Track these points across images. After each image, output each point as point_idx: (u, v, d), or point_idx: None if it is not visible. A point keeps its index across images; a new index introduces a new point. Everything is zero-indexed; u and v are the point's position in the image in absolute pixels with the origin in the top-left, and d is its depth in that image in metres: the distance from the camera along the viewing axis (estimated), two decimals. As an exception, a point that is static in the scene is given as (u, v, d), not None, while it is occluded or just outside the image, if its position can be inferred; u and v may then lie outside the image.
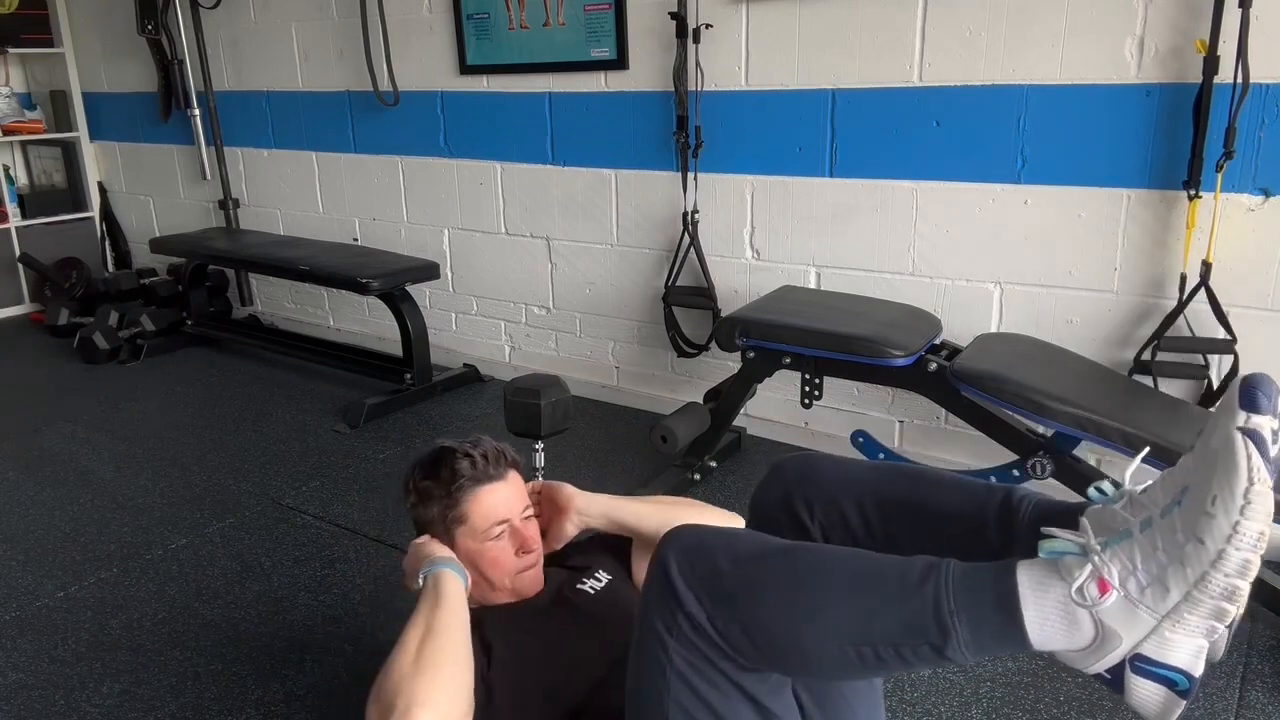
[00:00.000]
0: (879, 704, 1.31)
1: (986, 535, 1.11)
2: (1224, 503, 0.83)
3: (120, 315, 3.91)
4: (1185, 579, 0.85)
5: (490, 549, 1.46)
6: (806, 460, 1.27)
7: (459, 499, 1.46)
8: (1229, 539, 0.83)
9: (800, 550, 1.07)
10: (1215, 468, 0.85)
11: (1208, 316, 2.15)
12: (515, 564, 1.47)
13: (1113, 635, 0.89)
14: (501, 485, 1.49)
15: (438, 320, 3.63)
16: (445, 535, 1.47)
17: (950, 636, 0.92)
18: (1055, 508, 1.09)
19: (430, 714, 1.11)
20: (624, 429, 3.01)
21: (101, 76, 4.51)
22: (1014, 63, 2.29)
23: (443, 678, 1.17)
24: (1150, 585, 0.87)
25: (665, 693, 1.05)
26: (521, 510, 1.51)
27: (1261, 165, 2.07)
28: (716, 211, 2.84)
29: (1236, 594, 0.84)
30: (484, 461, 1.48)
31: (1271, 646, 1.86)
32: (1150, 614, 0.87)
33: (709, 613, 1.02)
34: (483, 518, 1.46)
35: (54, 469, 2.81)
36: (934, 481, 1.20)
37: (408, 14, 3.33)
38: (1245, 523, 0.82)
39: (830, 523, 1.19)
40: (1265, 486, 0.82)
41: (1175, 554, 0.86)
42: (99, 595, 2.13)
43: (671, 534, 1.09)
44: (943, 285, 2.52)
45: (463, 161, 3.39)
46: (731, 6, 2.64)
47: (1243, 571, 0.83)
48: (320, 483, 2.67)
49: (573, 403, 2.35)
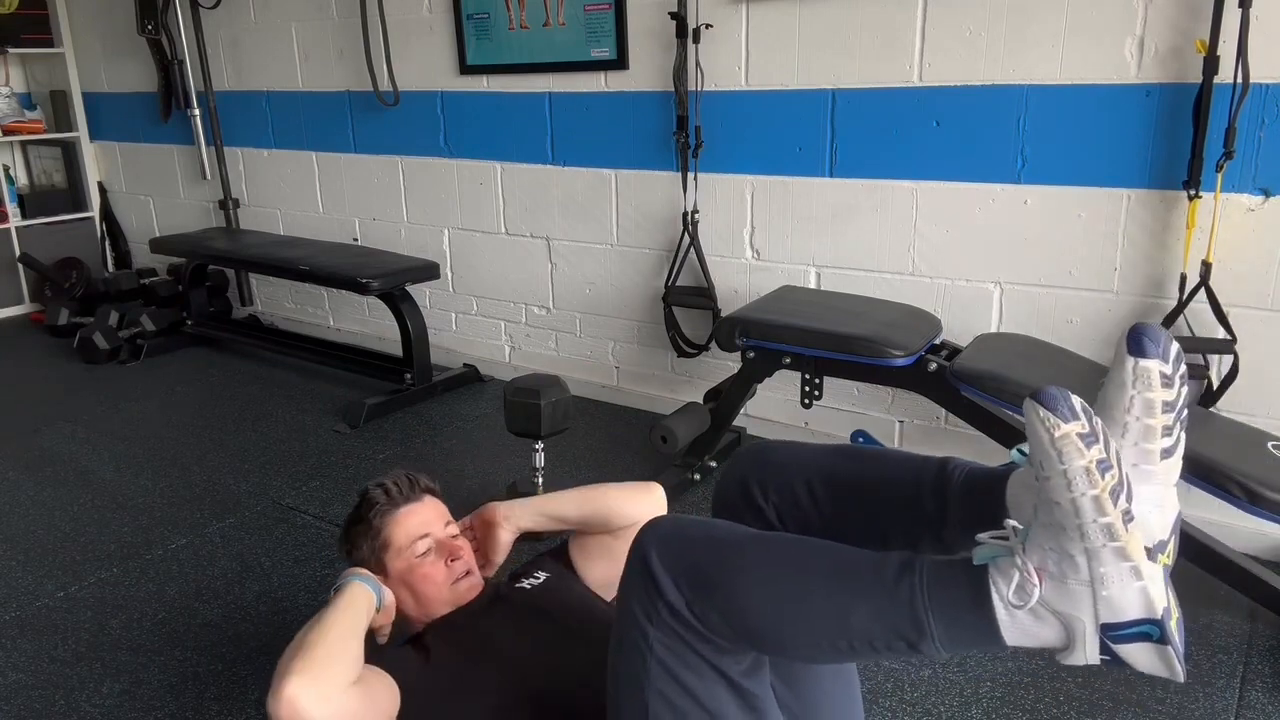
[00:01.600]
0: (854, 680, 1.33)
1: (923, 504, 1.15)
2: (1046, 463, 0.88)
3: (120, 315, 3.91)
4: (1074, 540, 0.89)
5: (420, 565, 1.53)
6: (761, 448, 1.32)
7: (379, 526, 1.55)
8: (1069, 488, 0.87)
9: (779, 540, 1.11)
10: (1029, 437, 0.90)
11: (1208, 316, 2.15)
12: (447, 575, 1.54)
13: (1073, 619, 0.92)
14: (418, 506, 1.59)
15: (438, 320, 3.63)
16: (377, 567, 1.54)
17: (925, 633, 0.95)
18: (984, 474, 1.14)
19: (299, 679, 1.16)
20: (624, 429, 3.01)
21: (101, 76, 4.51)
22: (1014, 63, 2.29)
23: (318, 652, 1.22)
24: (1062, 560, 0.91)
25: (646, 679, 1.07)
26: (443, 525, 1.59)
27: (1261, 165, 2.07)
28: (716, 211, 2.84)
29: (1114, 530, 0.88)
30: (396, 488, 1.58)
31: (1271, 646, 1.86)
32: (1079, 584, 0.91)
33: (687, 598, 1.04)
34: (405, 536, 1.54)
35: (54, 469, 2.81)
36: (875, 458, 1.26)
37: (408, 14, 3.33)
38: (1069, 468, 0.86)
39: (783, 502, 1.24)
40: (1062, 429, 0.86)
41: (1055, 525, 0.90)
42: (99, 595, 2.13)
43: (650, 524, 1.13)
44: (943, 285, 2.52)
45: (463, 161, 3.39)
46: (731, 6, 2.64)
47: (1099, 508, 0.87)
48: (320, 483, 2.67)
49: (573, 403, 2.35)
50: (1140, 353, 0.93)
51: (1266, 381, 2.15)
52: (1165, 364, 0.94)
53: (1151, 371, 0.93)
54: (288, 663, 1.19)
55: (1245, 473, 1.74)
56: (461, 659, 1.38)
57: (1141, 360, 0.93)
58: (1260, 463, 1.84)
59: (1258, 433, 2.03)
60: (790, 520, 1.24)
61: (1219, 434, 1.96)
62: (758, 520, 1.25)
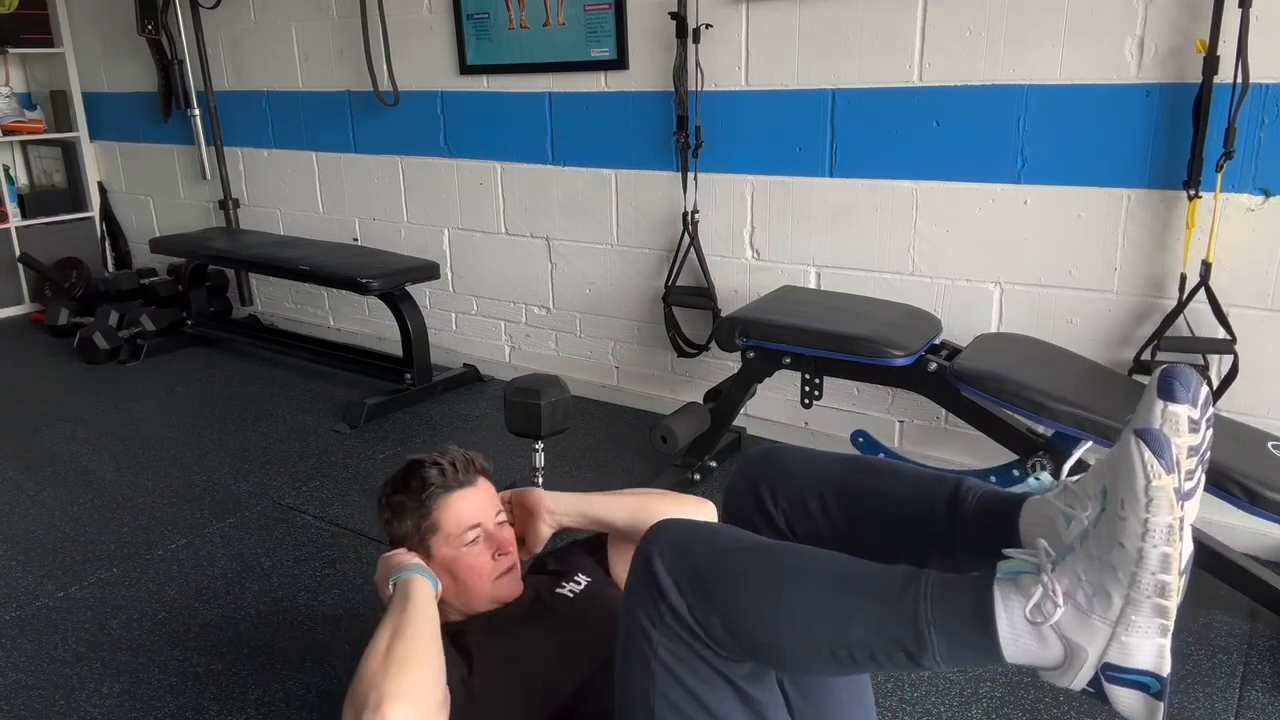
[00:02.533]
0: (866, 689, 1.33)
1: (935, 523, 1.15)
2: (1130, 504, 0.86)
3: (120, 315, 3.91)
4: (1120, 583, 0.88)
5: (466, 555, 1.48)
6: (774, 452, 1.30)
7: (430, 507, 1.48)
8: (1144, 537, 0.86)
9: (784, 549, 1.09)
10: (1119, 470, 0.88)
11: (1207, 316, 2.15)
12: (492, 568, 1.49)
13: (1078, 649, 0.92)
14: (472, 491, 1.51)
15: (438, 320, 3.63)
16: (420, 546, 1.48)
17: (926, 647, 0.95)
18: (998, 497, 1.13)
19: (402, 705, 1.12)
20: (624, 429, 3.01)
21: (101, 76, 4.51)
22: (1014, 63, 2.29)
23: (412, 672, 1.17)
24: (1095, 594, 0.90)
25: (651, 684, 1.07)
26: (494, 515, 1.53)
27: (1261, 165, 2.07)
28: (716, 211, 2.84)
29: (1166, 589, 0.87)
30: (453, 469, 1.51)
31: (1271, 646, 1.86)
32: (1102, 622, 0.90)
33: (690, 604, 1.03)
34: (455, 524, 1.48)
35: (54, 469, 2.81)
36: (890, 473, 1.24)
37: (408, 14, 3.33)
38: (1153, 519, 0.85)
39: (794, 511, 1.23)
40: (1163, 480, 0.85)
41: (1106, 560, 0.89)
42: (99, 595, 2.13)
43: (655, 527, 1.11)
44: (943, 285, 2.52)
45: (463, 161, 3.39)
46: (731, 6, 2.64)
47: (1164, 566, 0.86)
48: (320, 483, 2.68)
49: (573, 403, 2.35)
50: (1170, 397, 0.92)
51: (1266, 381, 2.15)
52: (1194, 409, 0.92)
53: (1180, 417, 0.92)
54: (381, 679, 1.14)
55: (1245, 473, 1.74)
56: (502, 673, 1.35)
57: (1171, 405, 0.92)
58: (1260, 463, 1.84)
59: (1258, 433, 2.03)
60: (799, 529, 1.23)
61: (1219, 434, 1.95)
62: (767, 526, 1.24)
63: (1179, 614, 0.91)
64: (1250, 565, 1.96)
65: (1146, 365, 2.20)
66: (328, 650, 1.91)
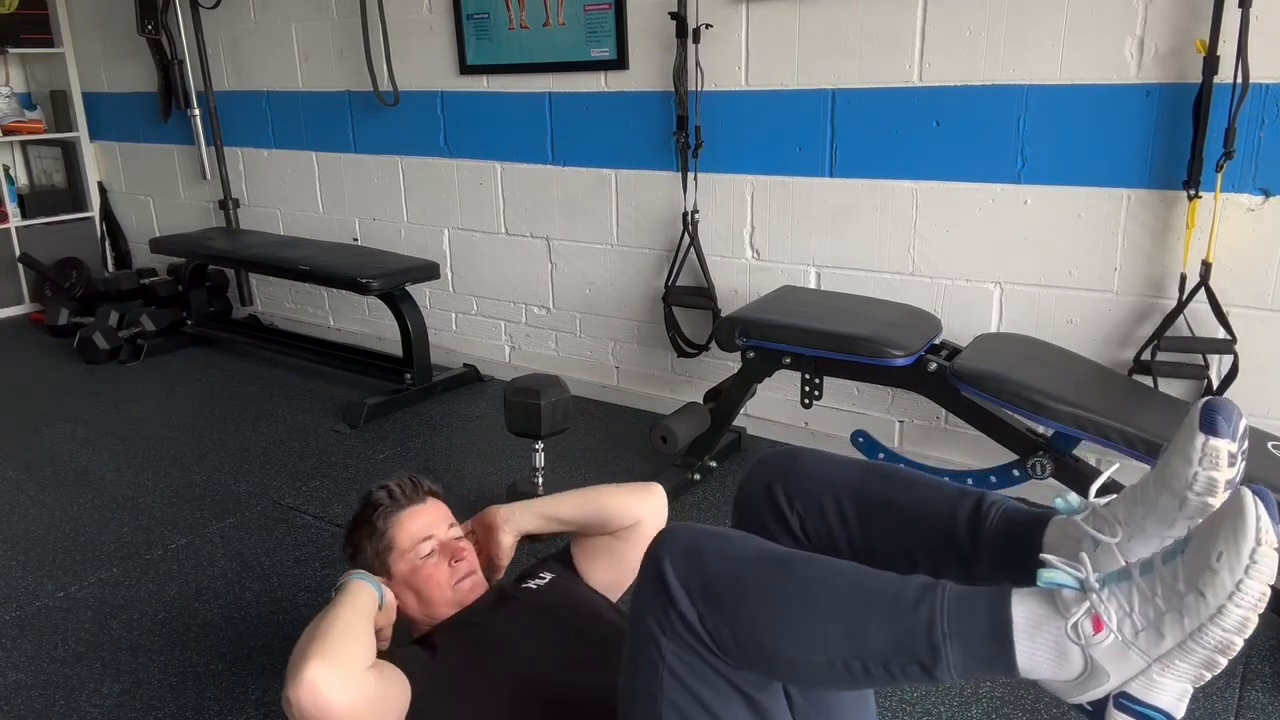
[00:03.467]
0: (869, 697, 1.32)
1: (956, 537, 1.14)
2: (1229, 560, 0.84)
3: (120, 315, 3.91)
4: (1182, 628, 0.86)
5: (424, 567, 1.52)
6: (790, 455, 1.30)
7: (383, 527, 1.55)
8: (1231, 596, 0.84)
9: (797, 559, 1.08)
10: (1223, 522, 0.85)
11: (1207, 316, 2.15)
12: (451, 575, 1.53)
13: (1101, 672, 0.90)
14: (422, 508, 1.58)
15: (438, 320, 3.63)
16: (381, 568, 1.54)
17: (940, 659, 0.94)
18: (1023, 515, 1.12)
19: (319, 662, 1.17)
20: (624, 429, 3.01)
21: (101, 76, 4.51)
22: (1014, 63, 2.29)
23: (331, 637, 1.23)
24: (1145, 629, 0.88)
25: (659, 690, 1.06)
26: (447, 528, 1.58)
27: (1261, 165, 2.07)
28: (716, 211, 2.84)
29: (1230, 648, 0.85)
30: (400, 490, 1.58)
31: (1272, 646, 1.86)
32: (1142, 656, 0.89)
33: (700, 611, 1.03)
34: (408, 539, 1.54)
35: (54, 469, 2.81)
36: (909, 483, 1.22)
37: (408, 14, 3.33)
38: (1249, 582, 0.83)
39: (809, 515, 1.22)
40: (1271, 548, 0.83)
41: (1174, 603, 0.87)
42: (99, 595, 2.13)
43: (665, 532, 1.11)
44: (943, 285, 2.52)
45: (463, 161, 3.39)
46: (731, 6, 2.64)
47: (1240, 628, 0.85)
48: (320, 483, 2.68)
49: (573, 403, 2.35)
50: (1213, 431, 0.91)
51: (1266, 381, 2.15)
52: (1234, 443, 0.92)
53: (1221, 452, 0.92)
54: (303, 650, 1.20)
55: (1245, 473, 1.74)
56: (469, 658, 1.38)
57: (1213, 439, 0.91)
58: (1260, 463, 1.84)
59: (1258, 433, 2.03)
60: (815, 534, 1.22)
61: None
62: (780, 528, 1.23)
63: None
64: (1250, 565, 1.95)
65: (1147, 365, 2.20)
66: (328, 650, 1.91)
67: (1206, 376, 2.18)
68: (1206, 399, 0.92)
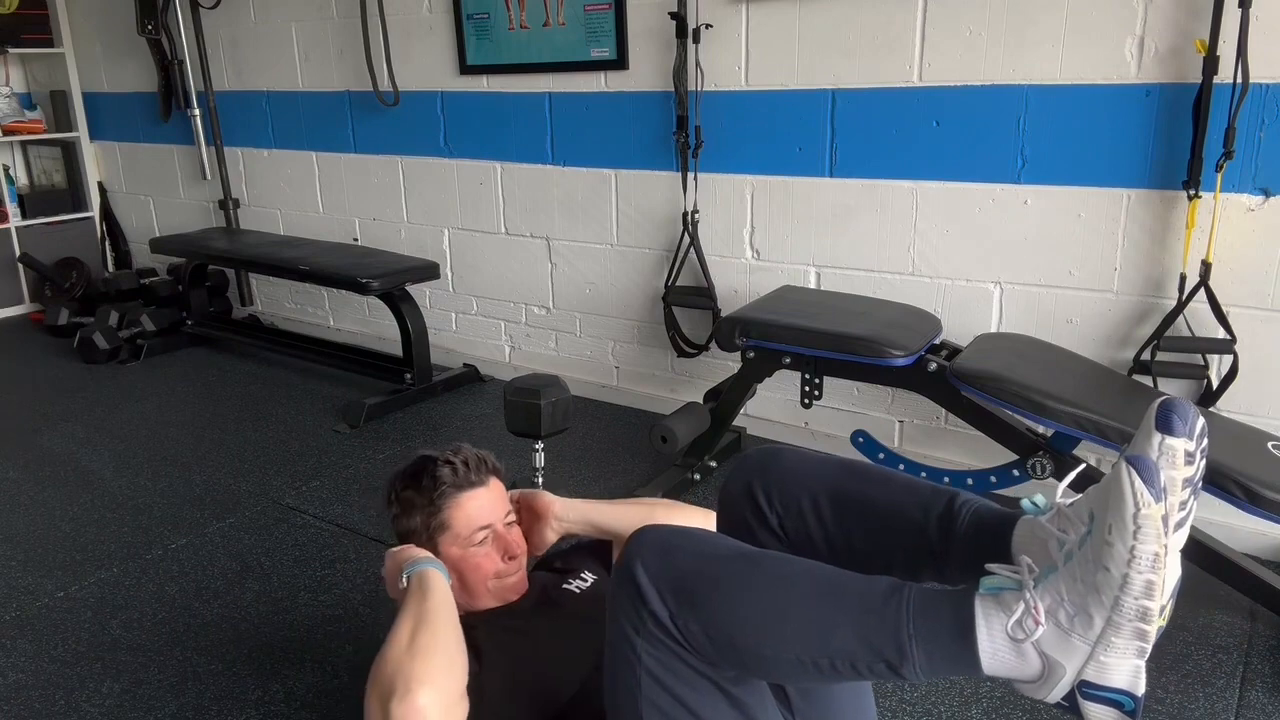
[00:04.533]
0: (867, 688, 1.33)
1: (929, 537, 1.15)
2: (1118, 530, 0.88)
3: (120, 315, 3.90)
4: (1103, 605, 0.90)
5: (473, 555, 1.48)
6: (771, 453, 1.30)
7: (441, 506, 1.48)
8: (1129, 563, 0.88)
9: (767, 557, 1.09)
10: (1108, 495, 0.90)
11: (1207, 316, 2.15)
12: (498, 569, 1.49)
13: (1056, 665, 0.93)
14: (483, 491, 1.51)
15: (438, 320, 3.63)
16: (428, 543, 1.48)
17: (907, 658, 0.96)
18: (993, 515, 1.13)
19: (430, 691, 1.13)
20: (624, 429, 3.01)
21: (101, 76, 4.51)
22: (1014, 63, 2.29)
23: (438, 659, 1.18)
24: (1077, 615, 0.92)
25: (637, 690, 1.06)
26: (504, 516, 1.53)
27: (1261, 165, 2.07)
28: (716, 211, 2.84)
29: (1148, 614, 0.89)
30: (465, 468, 1.50)
31: (1272, 646, 1.86)
32: (1083, 641, 0.92)
33: (671, 611, 1.04)
34: (466, 524, 1.48)
35: (54, 469, 2.81)
36: (885, 481, 1.24)
37: (408, 14, 3.33)
38: (1140, 546, 0.87)
39: (787, 513, 1.23)
40: (1151, 509, 0.86)
41: (1090, 582, 0.91)
42: (99, 595, 2.13)
43: (637, 533, 1.11)
44: (943, 285, 2.52)
45: (463, 161, 3.39)
46: (731, 6, 2.64)
47: (1148, 592, 0.88)
48: (320, 483, 2.68)
49: (573, 403, 2.35)
50: (1168, 430, 0.92)
51: (1266, 381, 2.15)
52: (1190, 441, 0.93)
53: (1177, 450, 0.93)
54: (408, 667, 1.15)
55: (1245, 473, 1.74)
56: (511, 667, 1.35)
57: (1169, 438, 0.92)
58: (1260, 463, 1.84)
59: (1258, 433, 2.03)
60: (793, 532, 1.23)
61: (1219, 434, 1.95)
62: (760, 526, 1.24)
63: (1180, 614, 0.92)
64: (1250, 565, 1.96)
65: (1146, 365, 2.20)
66: (328, 650, 1.91)
67: (1206, 376, 2.18)
68: (1163, 398, 0.94)
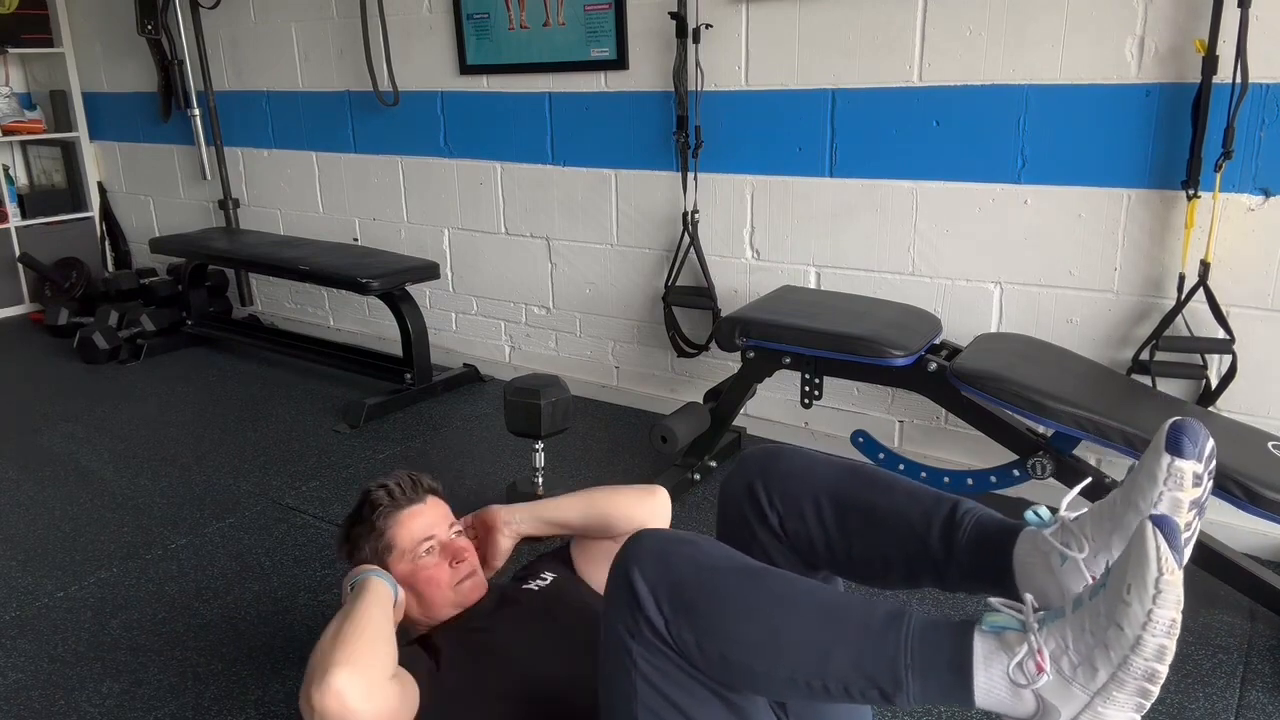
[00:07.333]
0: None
1: (930, 545, 1.15)
2: (1137, 591, 0.87)
3: (120, 315, 3.91)
4: (1110, 661, 0.89)
5: (424, 567, 1.51)
6: (774, 453, 1.30)
7: (383, 527, 1.52)
8: (1144, 626, 0.87)
9: (769, 574, 1.09)
10: (1130, 554, 0.89)
11: (1206, 316, 2.15)
12: (452, 575, 1.52)
13: (1051, 709, 0.93)
14: (422, 508, 1.56)
15: (438, 320, 3.63)
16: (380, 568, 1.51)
17: (901, 689, 0.96)
18: (995, 526, 1.13)
19: (345, 671, 1.14)
20: (624, 429, 3.01)
21: (101, 76, 4.51)
22: (1014, 63, 2.29)
23: (357, 644, 1.20)
24: (1081, 665, 0.91)
25: (633, 694, 1.07)
26: (447, 528, 1.56)
27: (1261, 165, 2.07)
28: (716, 211, 2.84)
29: (1156, 676, 0.88)
30: (399, 489, 1.55)
31: (1271, 646, 1.86)
32: (1083, 691, 0.91)
33: (667, 618, 1.03)
34: (409, 539, 1.51)
35: (54, 469, 2.81)
36: (888, 486, 1.24)
37: (408, 14, 3.33)
38: (1158, 611, 0.86)
39: (788, 514, 1.23)
40: (1174, 575, 0.86)
41: (1100, 636, 0.90)
42: (99, 595, 2.13)
43: (635, 538, 1.11)
44: (943, 285, 2.52)
45: (463, 161, 3.39)
46: (731, 6, 2.64)
47: (1159, 656, 0.88)
48: (320, 483, 2.68)
49: (573, 403, 2.35)
50: (1178, 452, 0.93)
51: (1266, 381, 2.15)
52: (1199, 464, 0.94)
53: (1185, 472, 0.93)
54: (328, 655, 1.17)
55: (1245, 473, 1.74)
56: (472, 663, 1.37)
57: (1178, 460, 0.93)
58: (1260, 463, 1.84)
59: (1258, 433, 2.03)
60: (793, 533, 1.23)
61: (1219, 434, 1.95)
62: (760, 525, 1.24)
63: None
64: (1250, 565, 1.96)
65: (1145, 365, 2.20)
66: (328, 650, 1.91)
67: (1205, 376, 2.19)
68: (1174, 419, 0.94)
